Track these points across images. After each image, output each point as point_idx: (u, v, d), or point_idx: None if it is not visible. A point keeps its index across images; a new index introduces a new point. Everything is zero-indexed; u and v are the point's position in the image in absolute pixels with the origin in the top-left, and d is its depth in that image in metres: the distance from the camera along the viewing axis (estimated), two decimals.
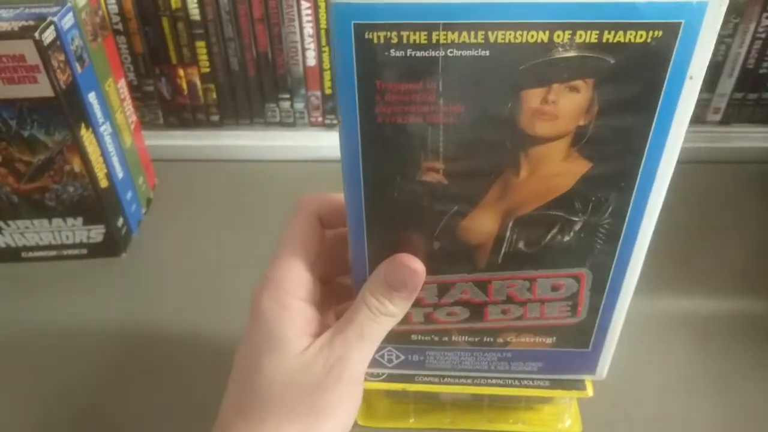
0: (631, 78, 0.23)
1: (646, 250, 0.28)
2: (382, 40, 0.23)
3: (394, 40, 0.23)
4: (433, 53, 0.23)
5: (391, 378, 0.35)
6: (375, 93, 0.24)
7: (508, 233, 0.28)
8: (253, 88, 0.67)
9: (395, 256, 0.29)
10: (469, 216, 0.27)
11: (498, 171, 0.26)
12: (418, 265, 0.28)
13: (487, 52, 0.23)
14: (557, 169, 0.26)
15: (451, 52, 0.23)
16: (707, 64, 0.23)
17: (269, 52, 0.64)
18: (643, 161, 0.25)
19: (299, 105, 0.68)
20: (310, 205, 0.31)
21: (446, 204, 0.27)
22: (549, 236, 0.28)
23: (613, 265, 0.29)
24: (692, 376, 0.43)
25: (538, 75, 0.23)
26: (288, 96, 0.67)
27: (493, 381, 0.35)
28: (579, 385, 0.36)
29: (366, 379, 0.36)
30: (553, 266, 0.29)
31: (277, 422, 0.28)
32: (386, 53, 0.23)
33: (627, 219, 0.27)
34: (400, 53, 0.23)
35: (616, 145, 0.25)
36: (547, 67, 0.23)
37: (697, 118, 0.67)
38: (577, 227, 0.28)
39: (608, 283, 0.30)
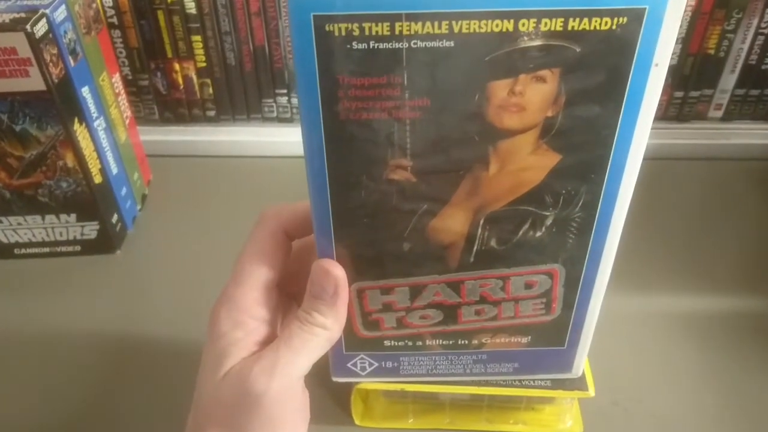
0: (597, 66, 0.23)
1: (617, 242, 0.28)
2: (343, 33, 0.22)
3: (356, 33, 0.22)
4: (396, 45, 0.22)
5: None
6: (338, 88, 0.23)
7: (479, 231, 0.27)
8: (250, 82, 0.66)
9: (316, 262, 0.28)
10: (439, 215, 0.27)
11: (467, 166, 0.25)
12: (333, 268, 0.28)
13: (452, 43, 0.22)
14: (526, 162, 0.25)
15: (414, 44, 0.22)
16: (672, 50, 0.23)
17: (266, 46, 0.63)
18: (612, 152, 0.25)
19: (297, 100, 0.67)
20: (272, 218, 0.30)
21: (415, 203, 0.26)
22: (521, 232, 0.27)
23: (586, 260, 0.29)
24: (693, 375, 0.43)
25: (504, 65, 0.23)
26: (285, 91, 0.67)
27: (494, 381, 0.35)
28: (581, 385, 0.35)
29: (362, 380, 0.35)
30: (526, 263, 0.29)
31: None
32: (348, 46, 0.22)
33: (598, 212, 0.27)
34: (362, 46, 0.22)
35: (584, 135, 0.25)
36: (513, 57, 0.23)
37: (699, 115, 0.66)
38: (548, 222, 0.27)
39: (582, 279, 0.29)
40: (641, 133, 0.25)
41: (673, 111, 0.66)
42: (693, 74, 0.63)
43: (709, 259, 0.52)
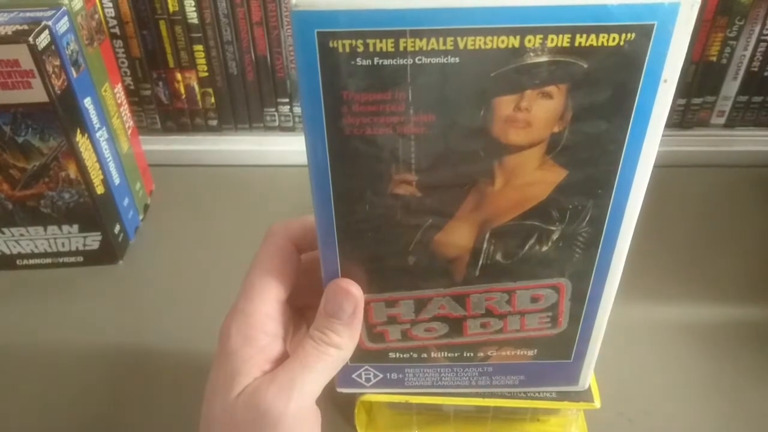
0: (604, 82, 0.23)
1: (625, 257, 0.28)
2: (347, 49, 0.22)
3: (360, 49, 0.22)
4: (401, 61, 0.22)
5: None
6: (342, 104, 0.23)
7: (485, 245, 0.27)
8: (252, 92, 0.66)
9: (333, 281, 0.28)
10: (444, 229, 0.27)
11: (472, 181, 0.25)
12: (353, 288, 0.28)
13: (457, 59, 0.22)
14: (532, 177, 0.25)
15: (419, 60, 0.22)
16: (681, 66, 0.22)
17: (268, 55, 0.64)
18: (619, 168, 0.25)
19: (298, 109, 0.67)
20: (281, 232, 0.30)
21: (420, 217, 0.26)
22: (527, 247, 0.27)
23: (593, 274, 0.28)
24: (698, 385, 0.43)
25: (510, 81, 0.22)
26: (287, 100, 0.67)
27: (499, 393, 0.35)
28: (586, 396, 0.35)
29: (367, 391, 0.35)
30: (532, 277, 0.28)
31: None
32: (352, 62, 0.22)
33: (605, 227, 0.26)
34: (366, 62, 0.22)
35: (591, 151, 0.24)
36: (519, 73, 0.22)
37: (702, 122, 0.66)
38: (555, 237, 0.27)
39: (588, 292, 0.29)
40: (649, 150, 0.24)
41: (675, 118, 0.66)
42: (695, 81, 0.63)
43: (713, 267, 0.52)
